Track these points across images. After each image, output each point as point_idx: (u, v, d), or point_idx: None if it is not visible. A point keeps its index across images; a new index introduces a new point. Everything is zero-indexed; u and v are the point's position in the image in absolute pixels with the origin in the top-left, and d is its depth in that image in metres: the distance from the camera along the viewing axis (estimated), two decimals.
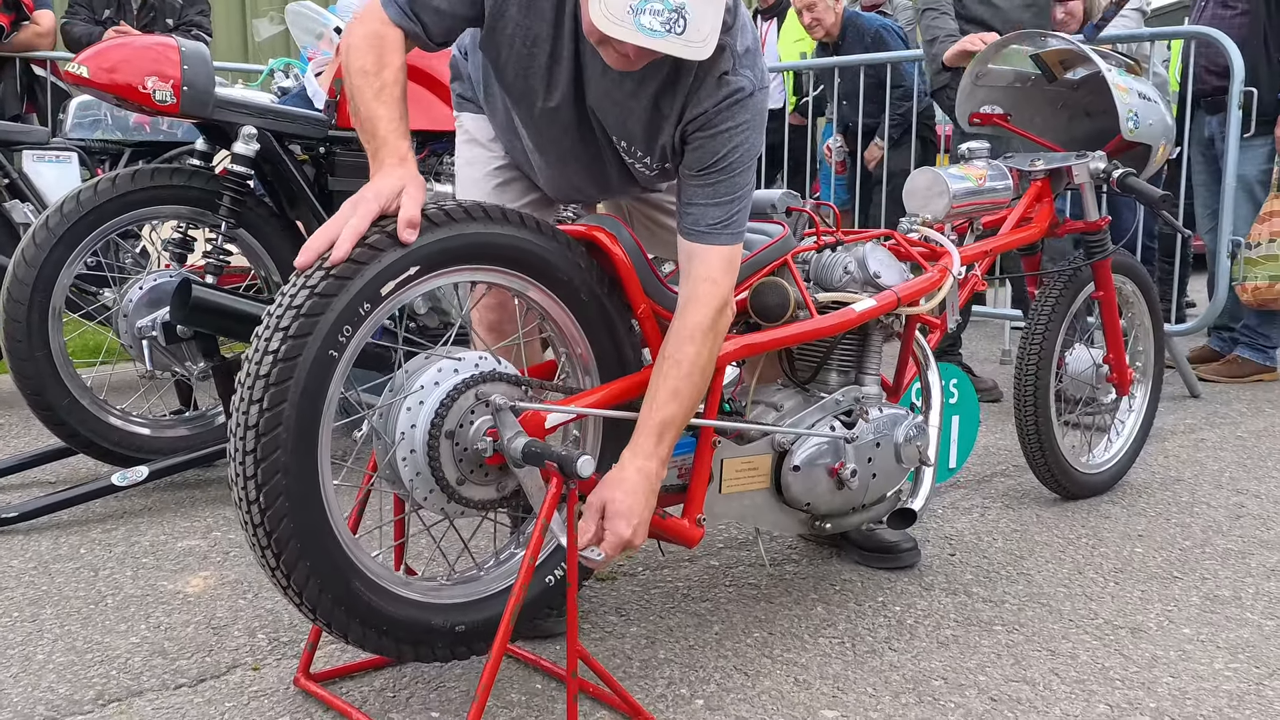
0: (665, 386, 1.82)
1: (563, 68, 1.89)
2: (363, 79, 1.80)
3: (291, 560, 1.61)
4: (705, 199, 1.88)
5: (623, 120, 1.94)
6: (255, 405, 1.58)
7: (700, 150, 1.87)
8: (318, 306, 1.60)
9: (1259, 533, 2.85)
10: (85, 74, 2.89)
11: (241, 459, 1.59)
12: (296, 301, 1.60)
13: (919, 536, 2.70)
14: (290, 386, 1.58)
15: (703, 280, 1.87)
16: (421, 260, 1.68)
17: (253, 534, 1.61)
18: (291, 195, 3.27)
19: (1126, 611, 2.34)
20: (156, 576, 2.47)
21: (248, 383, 1.59)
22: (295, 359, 1.58)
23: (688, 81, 1.86)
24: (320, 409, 1.61)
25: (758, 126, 1.89)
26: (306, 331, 1.59)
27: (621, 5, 1.62)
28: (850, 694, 1.97)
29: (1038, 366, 2.90)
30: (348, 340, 1.62)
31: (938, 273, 2.35)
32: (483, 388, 1.74)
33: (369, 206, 1.67)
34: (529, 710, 1.89)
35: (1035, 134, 3.02)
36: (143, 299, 3.05)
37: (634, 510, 1.76)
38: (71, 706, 1.89)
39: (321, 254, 1.64)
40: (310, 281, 1.62)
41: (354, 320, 1.63)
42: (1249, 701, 1.95)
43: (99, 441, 2.99)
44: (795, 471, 2.14)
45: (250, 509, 1.59)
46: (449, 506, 1.77)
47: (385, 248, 1.65)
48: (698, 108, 1.86)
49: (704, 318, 1.85)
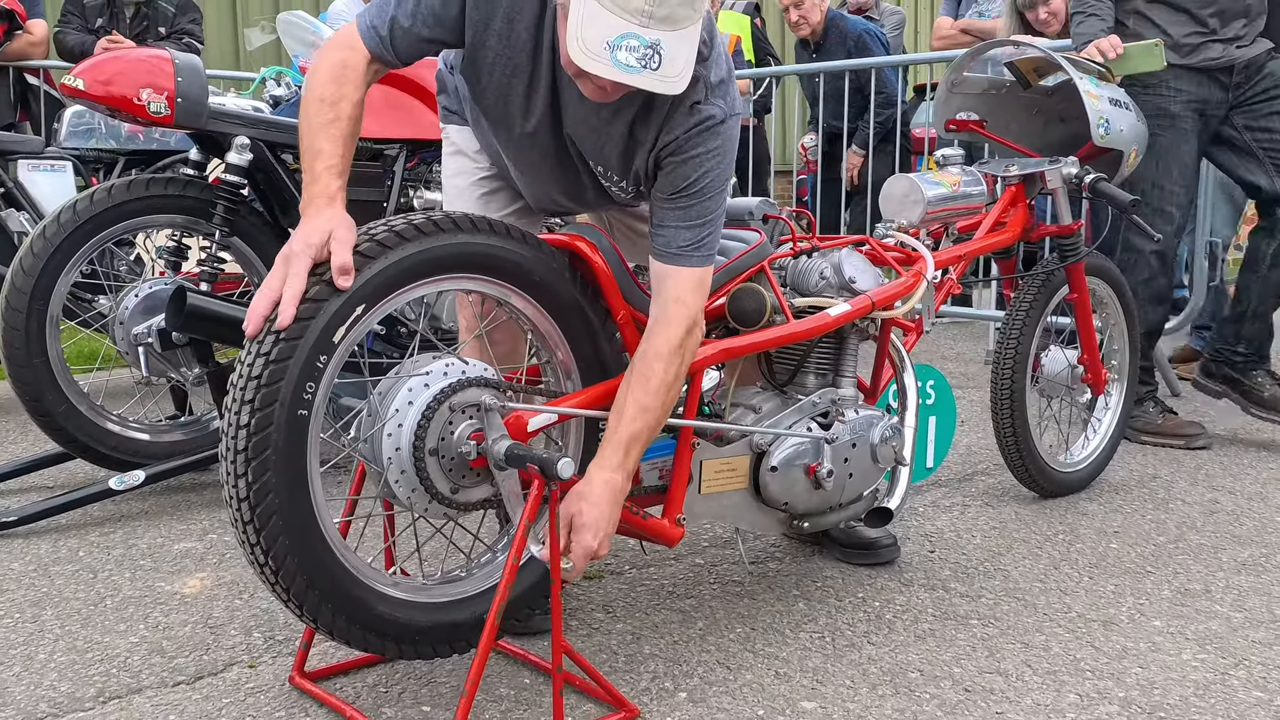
0: (634, 401, 1.87)
1: (540, 95, 1.96)
2: (317, 107, 1.84)
3: (290, 573, 1.68)
4: (676, 221, 1.93)
5: (599, 147, 2.00)
6: (241, 479, 1.64)
7: (672, 175, 1.93)
8: (277, 373, 1.64)
9: (1231, 528, 2.92)
10: (81, 86, 2.96)
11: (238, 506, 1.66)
12: (255, 372, 1.65)
13: (899, 534, 2.77)
14: (269, 455, 1.64)
15: (672, 301, 1.92)
16: (366, 297, 1.72)
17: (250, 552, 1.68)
18: (284, 203, 3.33)
19: (1099, 605, 2.41)
20: (154, 578, 2.53)
21: (228, 457, 1.65)
22: (267, 429, 1.64)
23: (662, 110, 1.92)
24: (304, 466, 1.68)
25: (728, 152, 1.95)
26: (271, 401, 1.64)
27: (598, 42, 1.67)
28: (829, 686, 2.03)
29: (1014, 368, 2.97)
30: (313, 395, 1.67)
31: (912, 277, 2.42)
32: (455, 398, 1.79)
33: (301, 263, 1.69)
34: (517, 704, 1.95)
35: (1010, 140, 3.09)
36: (138, 306, 3.11)
37: (599, 522, 1.81)
38: (73, 704, 1.95)
39: (267, 317, 1.67)
40: (264, 349, 1.65)
41: (314, 375, 1.67)
42: (1214, 691, 2.02)
43: (96, 446, 3.05)
44: (773, 472, 2.20)
45: (247, 529, 1.67)
46: (451, 511, 1.84)
47: (326, 297, 1.69)
48: (669, 135, 1.92)
49: (673, 336, 1.90)
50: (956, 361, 5.40)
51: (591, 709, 1.93)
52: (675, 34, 1.71)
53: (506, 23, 1.90)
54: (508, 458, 1.75)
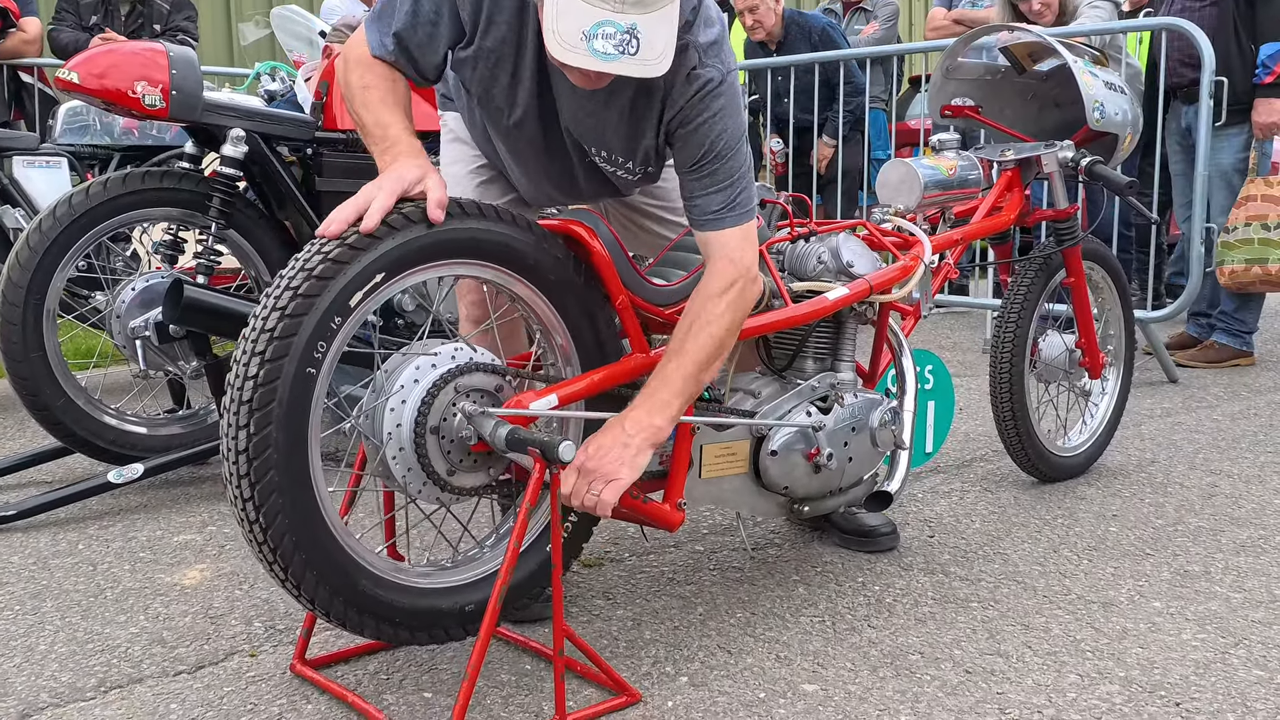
0: (679, 366, 1.90)
1: (525, 88, 1.97)
2: (364, 92, 1.89)
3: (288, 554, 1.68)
4: (705, 189, 1.95)
5: (600, 133, 2.01)
6: (243, 430, 1.65)
7: (687, 146, 1.95)
8: (290, 327, 1.65)
9: (1230, 510, 2.92)
10: (75, 80, 2.95)
11: (237, 483, 1.66)
12: (269, 325, 1.66)
13: (898, 519, 2.78)
14: (274, 409, 1.64)
15: (720, 259, 1.97)
16: (385, 266, 1.73)
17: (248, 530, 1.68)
18: (280, 196, 3.32)
19: (1099, 587, 2.41)
20: (154, 570, 2.53)
21: (232, 409, 1.66)
22: (274, 381, 1.64)
23: (659, 85, 1.92)
24: (305, 427, 1.68)
25: (735, 110, 1.96)
26: (281, 354, 1.65)
27: (574, 32, 1.68)
28: (830, 669, 2.03)
29: (1012, 353, 2.97)
30: (323, 355, 1.68)
31: (910, 261, 2.42)
32: (462, 380, 1.80)
33: (390, 188, 1.74)
34: (519, 689, 1.95)
35: (1005, 125, 3.09)
36: (135, 300, 3.10)
37: (609, 471, 1.84)
38: (74, 694, 1.95)
39: (350, 224, 1.72)
40: (280, 303, 1.66)
41: (327, 335, 1.68)
42: (1215, 670, 2.03)
43: (95, 441, 3.05)
44: (773, 456, 2.20)
45: (245, 506, 1.66)
46: (444, 496, 1.83)
47: (347, 260, 1.70)
48: (673, 108, 1.93)
49: (722, 285, 1.94)
50: (955, 350, 5.41)
51: (593, 694, 1.93)
52: (651, 16, 1.71)
53: (488, 18, 1.90)
54: (509, 442, 1.75)
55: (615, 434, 1.87)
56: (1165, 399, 4.31)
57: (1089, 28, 4.60)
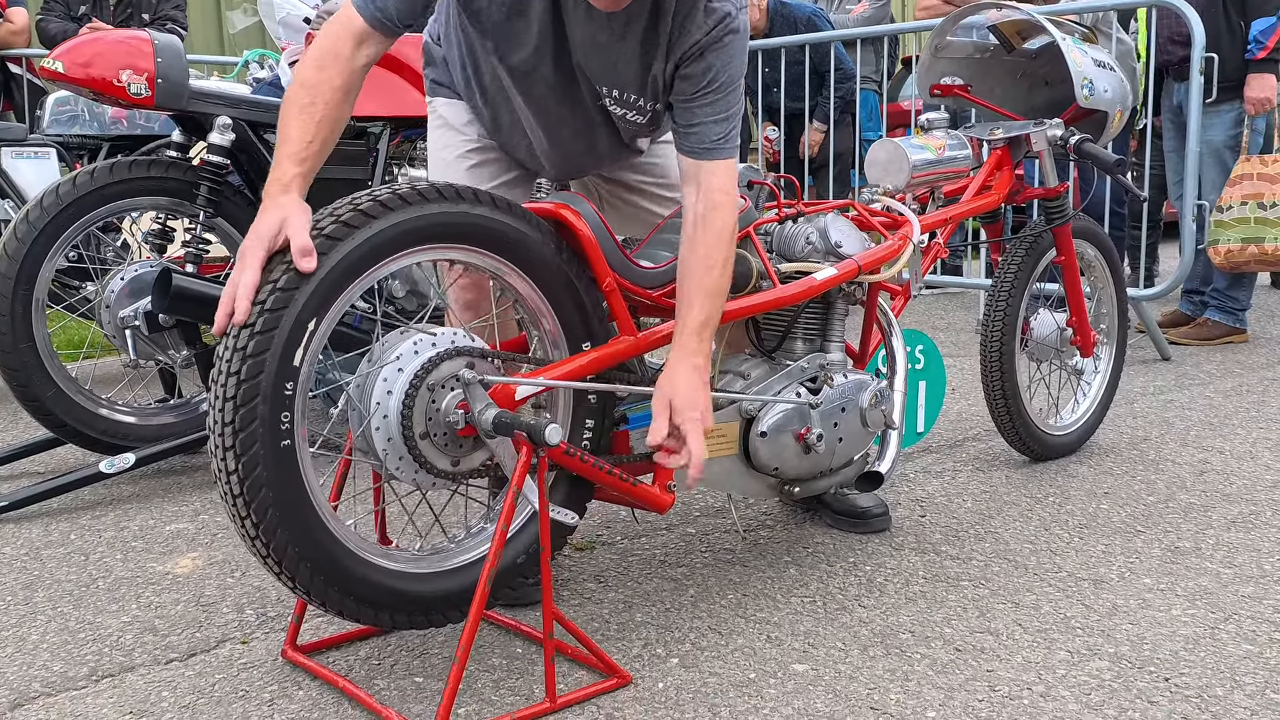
0: (700, 289, 1.97)
1: (535, 26, 1.99)
2: (296, 92, 1.86)
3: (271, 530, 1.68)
4: (705, 117, 2.01)
5: (612, 65, 2.04)
6: (229, 427, 1.65)
7: (694, 74, 2.00)
8: (254, 368, 1.64)
9: (1222, 487, 2.93)
10: (60, 69, 2.94)
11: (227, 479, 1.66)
12: (234, 368, 1.65)
13: (890, 499, 2.78)
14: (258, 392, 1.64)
15: (717, 191, 2.01)
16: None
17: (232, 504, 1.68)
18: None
19: (1089, 564, 2.42)
20: (146, 559, 2.53)
21: (219, 392, 1.66)
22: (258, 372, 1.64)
23: (671, 14, 1.96)
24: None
25: (744, 46, 2.03)
26: (263, 349, 1.65)
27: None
28: (820, 649, 2.04)
29: (1002, 332, 2.97)
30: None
31: (898, 241, 2.42)
32: (432, 376, 1.79)
33: (255, 256, 1.68)
34: (509, 673, 1.96)
35: (995, 104, 3.08)
36: (124, 289, 3.09)
37: (697, 401, 1.93)
38: (66, 683, 1.95)
39: (229, 314, 1.67)
40: (239, 344, 1.65)
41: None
42: (1204, 645, 2.03)
43: (86, 431, 3.05)
44: (763, 438, 2.20)
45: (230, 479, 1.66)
46: (420, 476, 1.83)
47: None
48: (687, 39, 1.98)
49: (727, 221, 2.01)
50: (948, 331, 5.41)
51: (584, 676, 1.93)
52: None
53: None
54: (495, 426, 1.75)
55: (677, 369, 1.95)
56: (1158, 376, 4.31)
57: (1077, 5, 4.59)
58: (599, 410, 2.04)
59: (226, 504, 1.69)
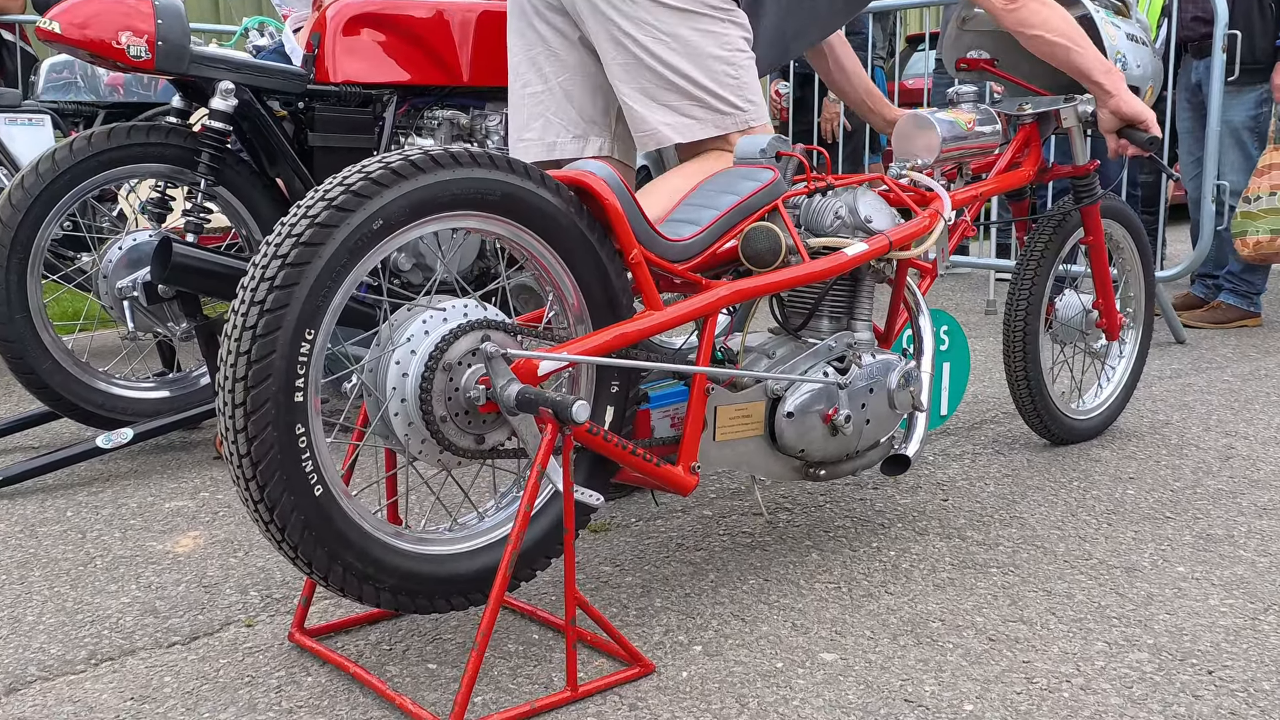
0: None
1: None
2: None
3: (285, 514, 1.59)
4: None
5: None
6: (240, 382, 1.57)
7: None
8: (265, 347, 1.57)
9: (1249, 473, 2.86)
10: (57, 30, 2.83)
11: (233, 430, 1.58)
12: (244, 347, 1.58)
13: (911, 483, 2.71)
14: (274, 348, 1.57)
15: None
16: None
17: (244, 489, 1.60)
18: (271, 152, 3.21)
19: (1120, 551, 2.34)
20: (145, 537, 2.45)
21: (229, 359, 1.58)
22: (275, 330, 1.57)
23: None
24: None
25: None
26: (283, 304, 1.57)
27: None
28: (849, 637, 1.96)
29: (1026, 312, 2.89)
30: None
31: (928, 217, 2.33)
32: (473, 335, 1.71)
33: None
34: (527, 660, 1.88)
35: (1022, 79, 2.98)
36: (122, 259, 3.00)
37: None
38: (64, 666, 1.87)
39: None
40: (249, 322, 1.58)
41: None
42: (1245, 636, 1.96)
43: (82, 405, 2.96)
44: (789, 418, 2.12)
45: (241, 463, 1.58)
46: (444, 457, 1.75)
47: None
48: None
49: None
50: (957, 312, 5.33)
51: (604, 664, 1.86)
52: None
53: None
54: (519, 402, 1.67)
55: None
56: (1174, 360, 4.24)
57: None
58: (622, 388, 1.95)
59: (239, 488, 1.60)
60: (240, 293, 1.59)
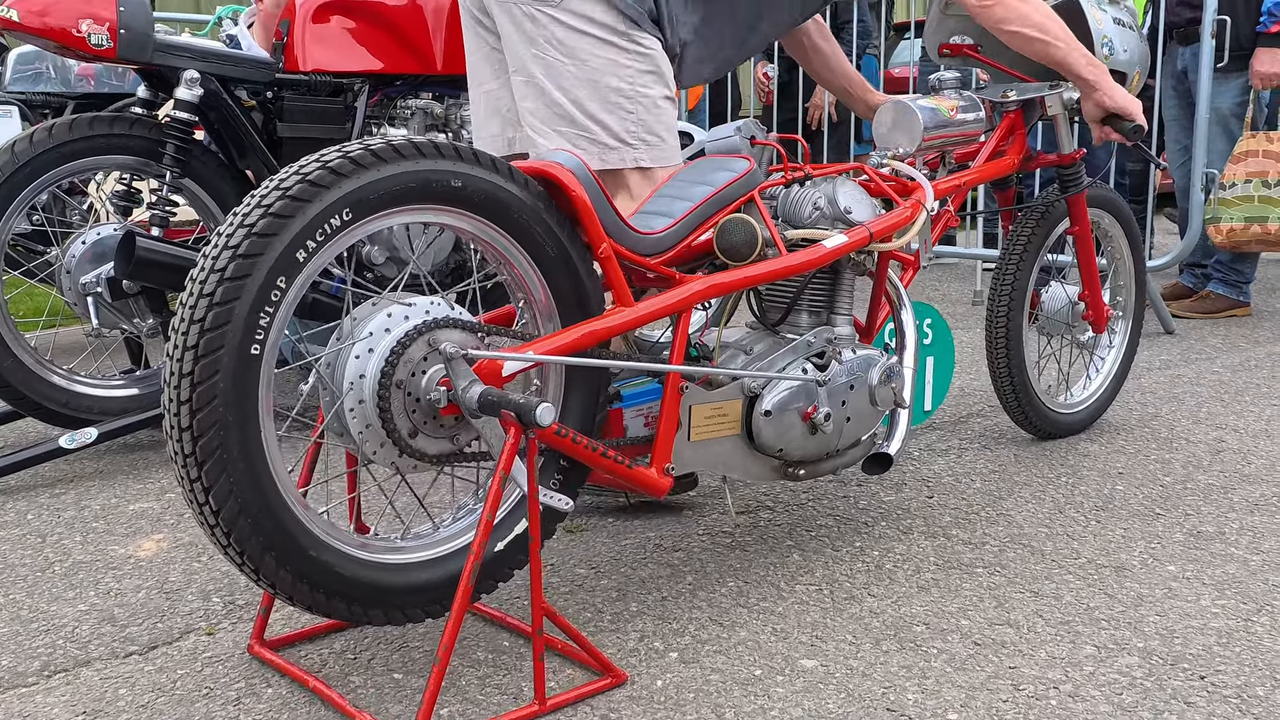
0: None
1: None
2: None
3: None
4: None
5: None
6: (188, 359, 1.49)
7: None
8: (213, 342, 1.50)
9: (1240, 467, 2.80)
10: (14, 17, 2.75)
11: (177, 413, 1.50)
12: (190, 341, 1.51)
13: (895, 480, 2.64)
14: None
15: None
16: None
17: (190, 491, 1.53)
18: (239, 143, 3.13)
19: (1109, 550, 2.29)
20: (107, 541, 2.37)
21: (175, 350, 1.51)
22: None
23: None
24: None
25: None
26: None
27: None
28: (830, 642, 1.90)
29: (1010, 305, 2.83)
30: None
31: (910, 208, 2.26)
32: (435, 334, 1.64)
33: None
34: (496, 669, 1.81)
35: (1006, 65, 2.91)
36: (86, 254, 2.93)
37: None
38: (15, 679, 1.80)
39: None
40: (196, 315, 1.51)
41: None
42: (1238, 638, 1.90)
43: (45, 403, 2.88)
44: (766, 417, 2.06)
45: (187, 463, 1.51)
46: (401, 461, 1.68)
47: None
48: None
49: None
50: (944, 303, 5.27)
51: (575, 674, 1.79)
52: None
53: None
54: (481, 404, 1.60)
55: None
56: (1163, 351, 4.18)
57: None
58: (592, 388, 1.88)
59: (184, 489, 1.53)
60: (189, 284, 1.52)
